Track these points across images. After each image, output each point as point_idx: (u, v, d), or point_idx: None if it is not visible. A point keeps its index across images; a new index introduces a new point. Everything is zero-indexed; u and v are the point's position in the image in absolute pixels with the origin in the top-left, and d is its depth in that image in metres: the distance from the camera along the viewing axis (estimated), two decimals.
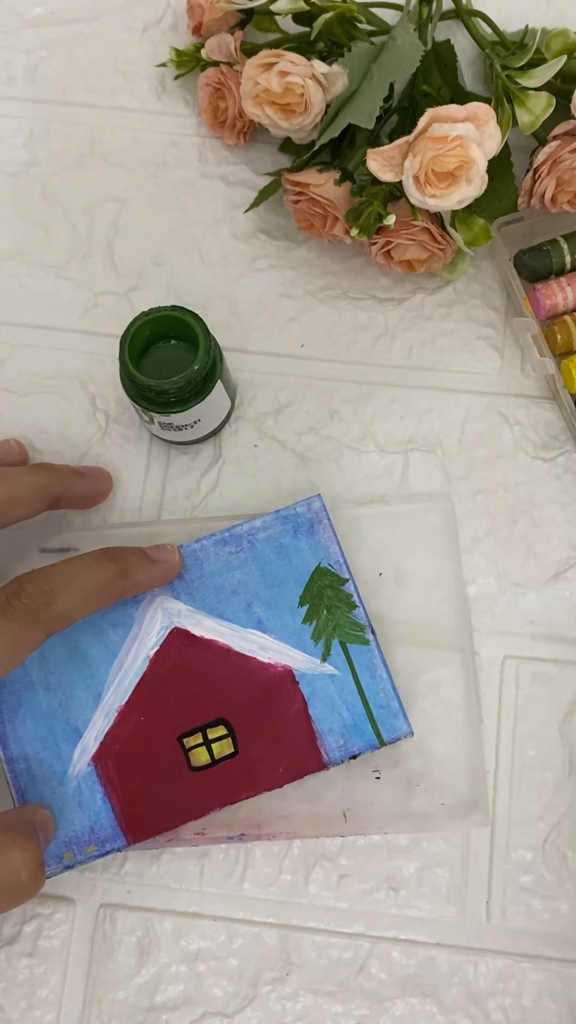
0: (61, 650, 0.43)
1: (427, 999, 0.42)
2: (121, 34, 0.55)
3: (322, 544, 0.44)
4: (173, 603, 0.43)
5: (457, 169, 0.42)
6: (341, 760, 0.42)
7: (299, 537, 0.44)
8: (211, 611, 0.43)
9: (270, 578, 0.44)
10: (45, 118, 0.53)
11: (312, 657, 0.43)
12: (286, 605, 0.43)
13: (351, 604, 0.43)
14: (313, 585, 0.43)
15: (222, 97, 0.50)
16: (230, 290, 0.50)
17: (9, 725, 0.42)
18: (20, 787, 0.41)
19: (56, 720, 0.42)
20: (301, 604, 0.43)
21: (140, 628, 0.43)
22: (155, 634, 0.43)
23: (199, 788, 0.41)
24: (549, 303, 0.47)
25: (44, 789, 0.41)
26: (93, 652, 0.43)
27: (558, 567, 0.46)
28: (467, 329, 0.50)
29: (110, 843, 0.41)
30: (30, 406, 0.49)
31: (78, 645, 0.43)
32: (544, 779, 0.44)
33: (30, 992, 0.43)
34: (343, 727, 0.42)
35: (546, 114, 0.44)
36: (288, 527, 0.44)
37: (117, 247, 0.51)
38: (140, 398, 0.42)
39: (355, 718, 0.42)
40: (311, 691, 0.42)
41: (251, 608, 0.43)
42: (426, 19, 0.49)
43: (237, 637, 0.43)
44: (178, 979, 0.43)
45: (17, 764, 0.42)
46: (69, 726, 0.42)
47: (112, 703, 0.42)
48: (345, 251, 0.51)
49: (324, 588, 0.43)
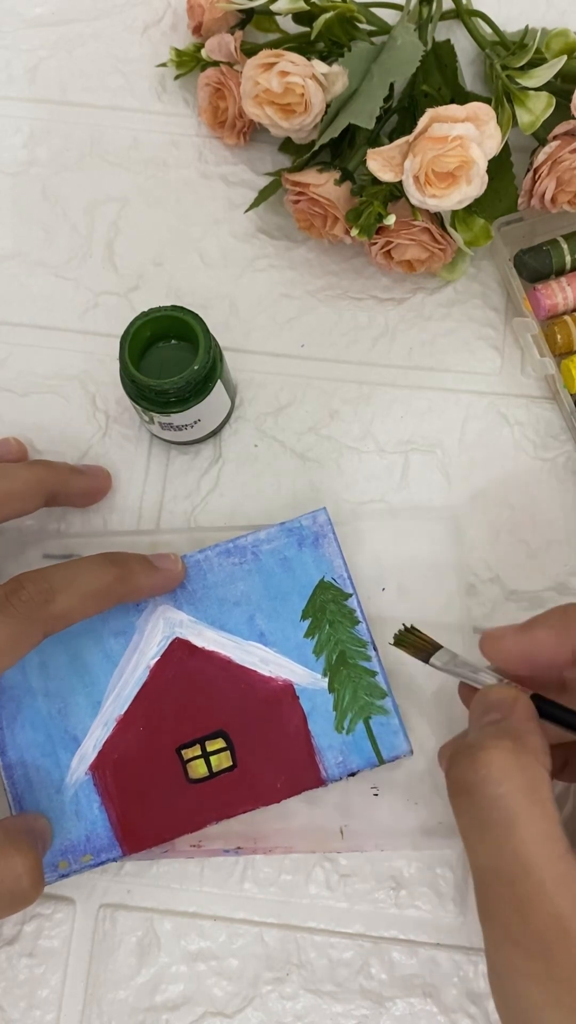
0: (62, 657, 0.42)
1: (427, 999, 0.42)
2: (121, 34, 0.55)
3: (326, 558, 0.44)
4: (175, 613, 0.43)
5: (457, 169, 0.42)
6: (339, 777, 0.41)
7: (303, 550, 0.44)
8: (213, 622, 0.43)
9: (273, 591, 0.43)
10: (45, 118, 0.53)
11: (313, 672, 0.42)
12: (288, 618, 0.43)
13: (354, 620, 0.43)
14: (316, 599, 0.43)
15: (222, 97, 0.50)
16: (230, 290, 0.50)
17: (8, 731, 0.42)
18: (17, 794, 0.41)
19: (55, 727, 0.42)
20: (303, 618, 0.43)
21: (141, 637, 0.43)
22: (156, 644, 0.43)
23: (196, 801, 0.41)
24: (549, 303, 0.47)
25: (41, 796, 0.41)
26: (94, 660, 0.42)
27: (558, 568, 0.46)
28: (467, 329, 0.50)
29: (106, 853, 0.41)
30: (30, 406, 0.49)
31: (79, 652, 0.42)
32: None
33: (30, 992, 0.43)
34: (342, 744, 0.42)
35: (546, 114, 0.45)
36: (293, 540, 0.44)
37: (117, 247, 0.51)
38: (140, 398, 0.42)
39: (355, 735, 0.42)
40: (311, 706, 0.42)
41: (253, 620, 0.43)
42: (426, 19, 0.49)
43: (238, 649, 0.43)
44: (178, 979, 0.43)
45: (15, 771, 0.41)
46: (68, 734, 0.42)
47: (111, 712, 0.42)
48: (345, 251, 0.51)
49: (327, 603, 0.43)
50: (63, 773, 0.41)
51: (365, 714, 0.42)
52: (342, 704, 0.42)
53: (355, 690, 0.42)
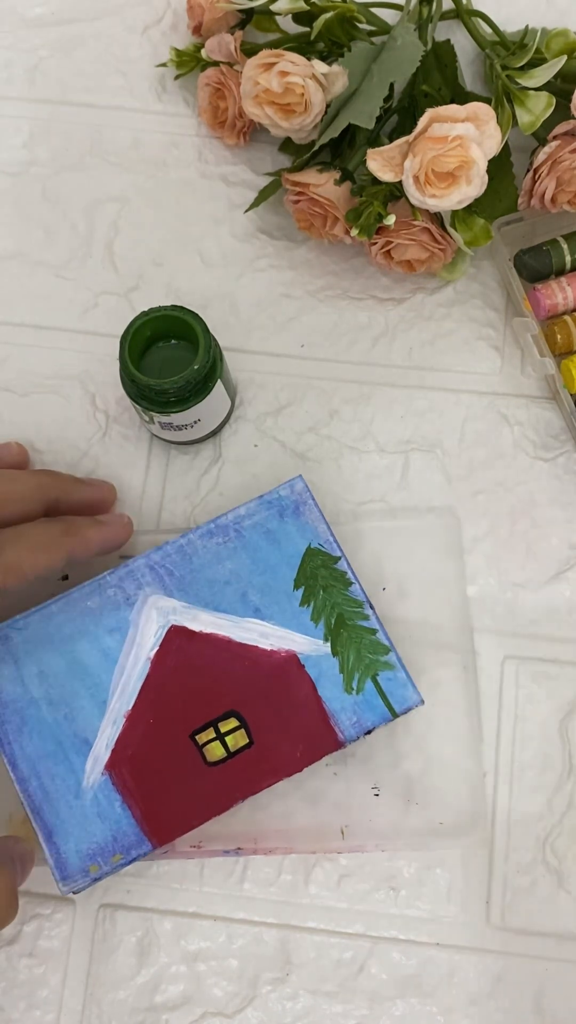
0: (59, 662, 0.42)
1: (427, 999, 0.42)
2: (121, 34, 0.55)
3: (309, 525, 0.44)
4: (166, 601, 0.43)
5: (457, 169, 0.42)
6: (356, 736, 0.41)
7: (285, 520, 0.44)
8: (206, 604, 0.43)
9: (262, 565, 0.43)
10: (45, 118, 0.53)
11: (314, 639, 0.42)
12: (281, 590, 0.43)
13: (346, 581, 0.43)
14: (306, 567, 0.43)
15: (222, 97, 0.50)
16: (230, 290, 0.50)
17: (16, 745, 0.41)
18: (35, 806, 0.41)
19: (63, 733, 0.42)
20: (296, 587, 0.43)
21: (137, 631, 0.43)
22: (152, 634, 0.43)
23: (219, 782, 0.41)
24: (549, 303, 0.47)
25: (60, 805, 0.41)
26: (92, 660, 0.42)
27: (558, 567, 0.46)
28: (467, 329, 0.50)
29: (135, 849, 0.40)
30: (30, 406, 0.49)
31: (76, 656, 0.42)
32: (544, 779, 0.44)
33: (30, 992, 0.43)
34: (354, 704, 0.42)
35: (546, 114, 0.44)
36: (273, 511, 0.44)
37: (117, 247, 0.51)
38: (140, 398, 0.42)
39: (365, 694, 0.42)
40: (318, 672, 0.42)
41: (246, 597, 0.43)
42: (426, 19, 0.49)
43: (236, 627, 0.43)
44: (178, 979, 0.43)
45: (29, 783, 0.41)
46: (77, 738, 0.42)
47: (118, 709, 0.42)
48: (345, 251, 0.51)
49: (317, 568, 0.43)
50: (79, 777, 0.41)
51: (372, 672, 0.42)
52: (347, 665, 0.42)
53: (358, 650, 0.42)
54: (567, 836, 0.44)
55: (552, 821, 0.44)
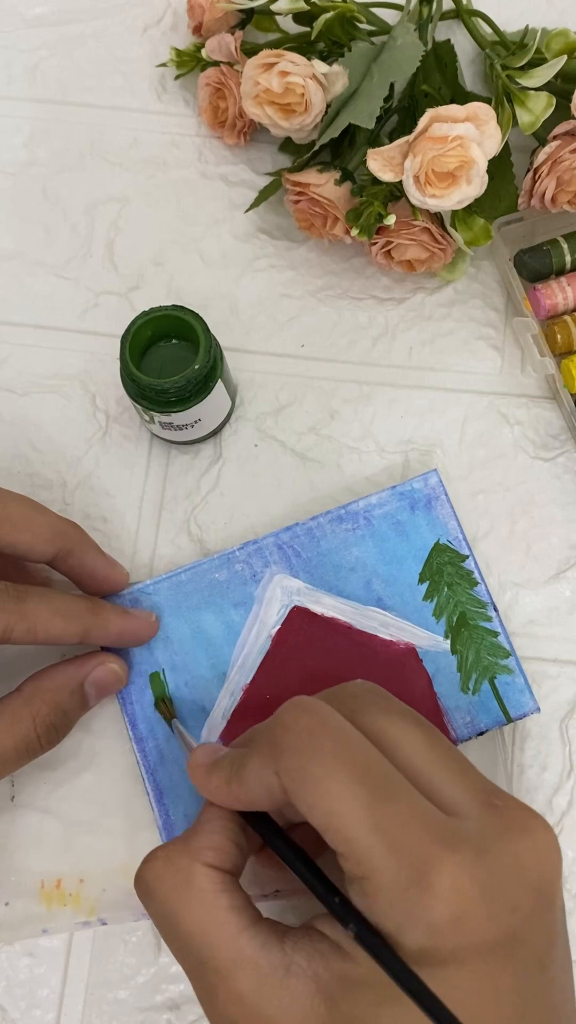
0: (184, 630, 0.43)
1: None
2: (121, 34, 0.55)
3: (440, 520, 0.44)
4: (291, 581, 0.43)
5: (457, 169, 0.42)
6: (468, 737, 0.41)
7: (416, 513, 0.44)
8: (330, 588, 0.43)
9: (388, 555, 0.43)
10: (45, 118, 0.53)
11: (434, 634, 0.42)
12: (405, 582, 0.43)
13: (472, 581, 0.43)
14: (432, 562, 0.43)
15: (222, 97, 0.50)
16: (230, 290, 0.50)
17: (137, 705, 0.42)
18: (150, 766, 0.41)
19: (182, 699, 0.42)
20: (421, 581, 0.43)
21: (261, 607, 0.43)
22: (276, 612, 0.43)
23: None
24: (549, 303, 0.47)
25: (173, 769, 0.41)
26: (216, 631, 0.43)
27: (558, 567, 0.46)
28: (467, 329, 0.50)
29: None
30: (30, 406, 0.49)
31: (201, 625, 0.43)
32: (544, 779, 0.44)
33: (30, 992, 0.43)
34: (469, 704, 0.42)
35: (546, 114, 0.45)
36: (405, 503, 0.44)
37: (117, 247, 0.51)
38: (141, 397, 0.42)
39: (481, 695, 0.42)
40: (435, 668, 0.42)
41: (370, 585, 0.43)
42: (426, 19, 0.49)
43: (358, 615, 0.43)
44: (178, 979, 0.43)
45: (146, 743, 0.42)
46: (195, 705, 0.42)
47: (237, 682, 0.42)
48: (345, 251, 0.51)
49: (444, 565, 0.43)
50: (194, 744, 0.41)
51: (490, 674, 0.42)
52: (466, 665, 0.42)
53: (478, 651, 0.42)
54: (567, 836, 0.44)
55: (552, 821, 0.44)
